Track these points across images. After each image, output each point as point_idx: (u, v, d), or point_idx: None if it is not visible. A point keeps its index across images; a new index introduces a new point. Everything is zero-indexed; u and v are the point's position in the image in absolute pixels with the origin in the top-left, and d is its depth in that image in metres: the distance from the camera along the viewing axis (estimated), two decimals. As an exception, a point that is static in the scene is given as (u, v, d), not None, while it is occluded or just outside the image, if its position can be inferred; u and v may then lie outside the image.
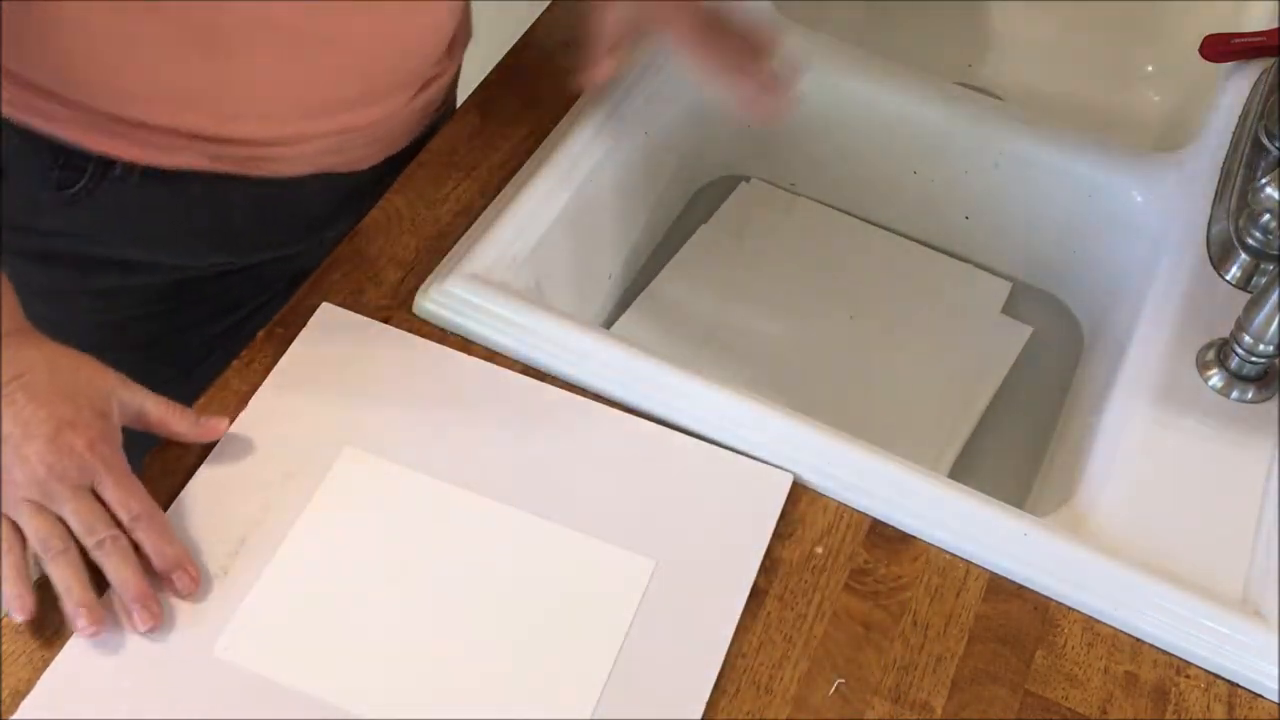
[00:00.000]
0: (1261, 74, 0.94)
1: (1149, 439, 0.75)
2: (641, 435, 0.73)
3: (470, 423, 0.73)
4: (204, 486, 0.69)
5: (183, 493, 0.69)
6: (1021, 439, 0.90)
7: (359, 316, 0.77)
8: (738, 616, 0.66)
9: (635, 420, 0.73)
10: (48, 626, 0.64)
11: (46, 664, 0.63)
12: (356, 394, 0.74)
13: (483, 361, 0.75)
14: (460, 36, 0.90)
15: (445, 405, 0.74)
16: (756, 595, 0.68)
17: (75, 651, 0.63)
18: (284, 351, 0.75)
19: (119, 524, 0.64)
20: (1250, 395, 0.77)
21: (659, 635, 0.65)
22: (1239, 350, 0.76)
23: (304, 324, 0.76)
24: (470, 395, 0.74)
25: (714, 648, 0.65)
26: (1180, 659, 0.67)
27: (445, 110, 0.93)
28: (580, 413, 0.74)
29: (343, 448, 0.71)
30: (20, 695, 0.62)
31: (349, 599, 0.66)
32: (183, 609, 0.65)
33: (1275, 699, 0.66)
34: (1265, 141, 0.87)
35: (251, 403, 0.72)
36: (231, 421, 0.71)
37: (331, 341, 0.76)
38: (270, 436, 0.71)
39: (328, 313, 0.77)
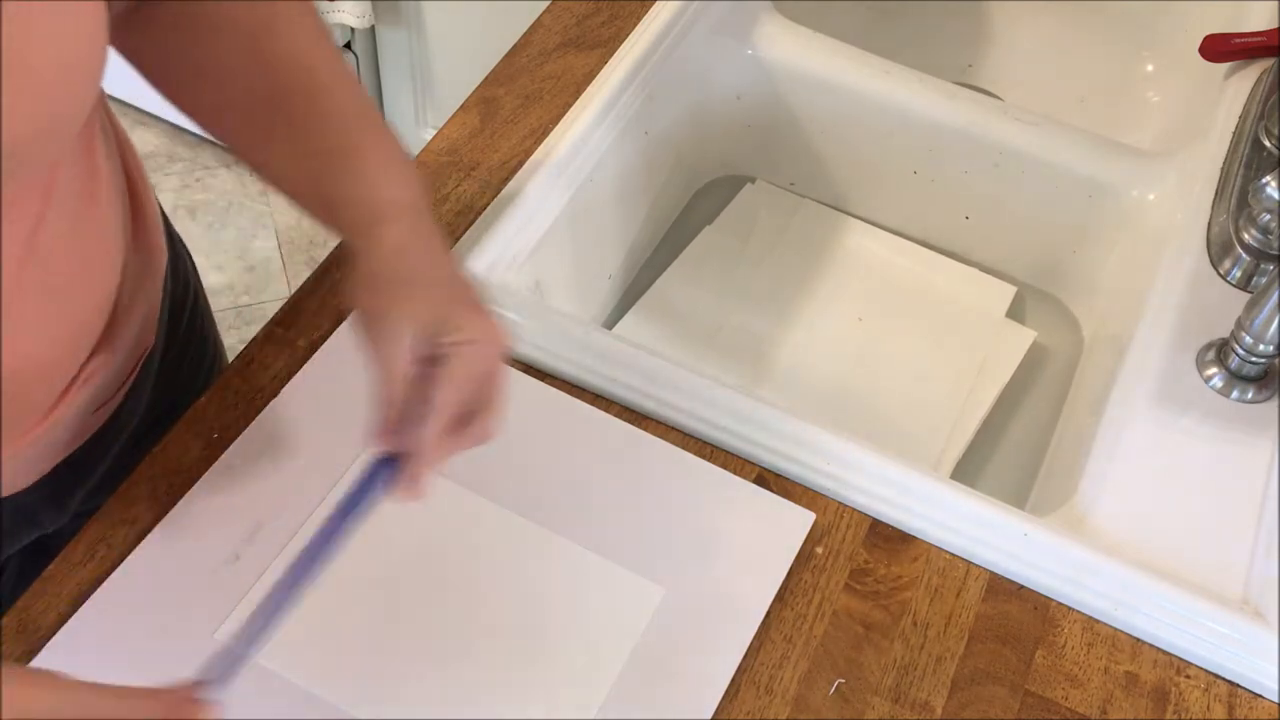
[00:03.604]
0: (1261, 74, 0.94)
1: (1149, 439, 0.75)
2: (662, 455, 0.72)
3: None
4: (226, 471, 0.69)
5: (205, 474, 0.69)
6: (1022, 439, 0.90)
7: None
8: (740, 656, 0.65)
9: (653, 440, 0.73)
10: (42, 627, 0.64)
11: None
12: None
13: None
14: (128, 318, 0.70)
15: None
16: (756, 595, 0.68)
17: (76, 620, 0.63)
18: (283, 352, 0.75)
19: None
20: (1250, 395, 0.77)
21: (660, 661, 0.65)
22: (1239, 350, 0.76)
23: (302, 324, 0.76)
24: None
25: (713, 681, 0.64)
26: (1180, 659, 0.67)
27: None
28: (600, 425, 0.73)
29: (368, 444, 0.71)
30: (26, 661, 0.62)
31: (354, 596, 0.66)
32: (191, 591, 0.65)
33: (1275, 699, 0.66)
34: (1265, 141, 0.87)
35: (283, 392, 0.73)
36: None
37: None
38: (298, 427, 0.71)
39: None
